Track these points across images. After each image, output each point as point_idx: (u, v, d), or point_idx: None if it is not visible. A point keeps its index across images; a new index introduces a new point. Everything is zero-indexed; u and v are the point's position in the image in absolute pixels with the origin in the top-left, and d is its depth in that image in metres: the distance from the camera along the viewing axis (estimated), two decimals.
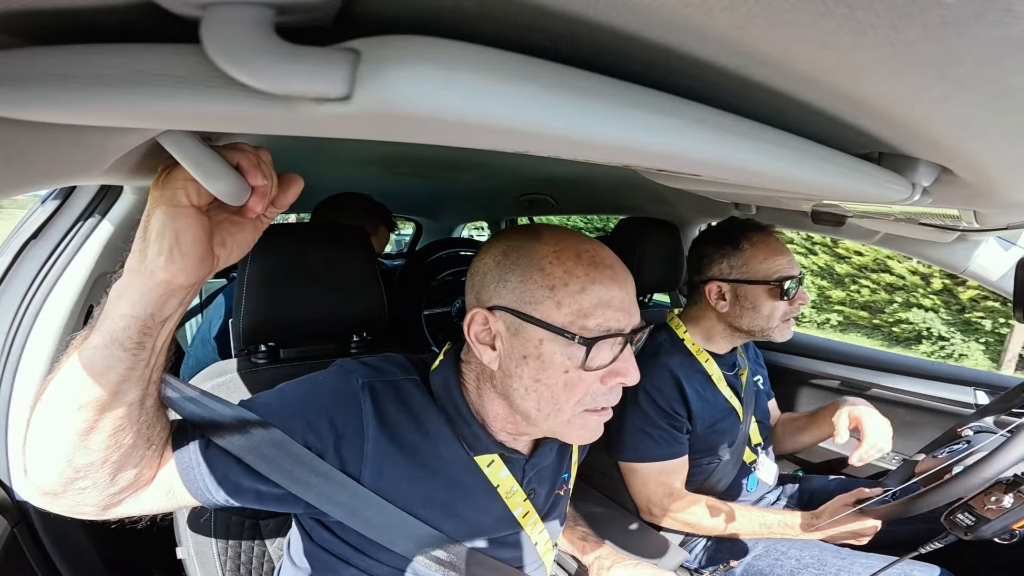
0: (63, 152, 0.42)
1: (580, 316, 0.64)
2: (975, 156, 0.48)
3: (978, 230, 0.99)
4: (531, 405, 0.67)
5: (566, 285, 0.64)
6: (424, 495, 0.71)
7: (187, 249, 0.46)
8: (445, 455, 0.73)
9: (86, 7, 0.26)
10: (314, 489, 0.65)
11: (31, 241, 1.05)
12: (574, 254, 0.66)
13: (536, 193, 2.26)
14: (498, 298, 0.67)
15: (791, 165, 0.42)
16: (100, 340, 0.48)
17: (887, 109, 0.38)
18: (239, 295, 0.92)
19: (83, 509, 0.56)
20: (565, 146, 0.35)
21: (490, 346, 0.68)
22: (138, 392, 0.51)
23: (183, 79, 0.25)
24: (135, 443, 0.54)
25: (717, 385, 1.28)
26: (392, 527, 0.69)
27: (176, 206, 0.46)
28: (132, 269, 0.48)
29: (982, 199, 0.65)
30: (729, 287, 1.22)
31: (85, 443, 0.50)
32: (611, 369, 0.66)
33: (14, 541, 0.92)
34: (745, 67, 0.33)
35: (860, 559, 1.14)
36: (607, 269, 0.66)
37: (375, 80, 0.24)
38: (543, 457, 0.81)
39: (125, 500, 0.58)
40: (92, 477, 0.53)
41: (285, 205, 0.52)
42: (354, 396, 0.70)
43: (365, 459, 0.68)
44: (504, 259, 0.68)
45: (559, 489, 0.86)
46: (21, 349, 1.02)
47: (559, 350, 0.64)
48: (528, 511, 0.79)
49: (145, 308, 0.48)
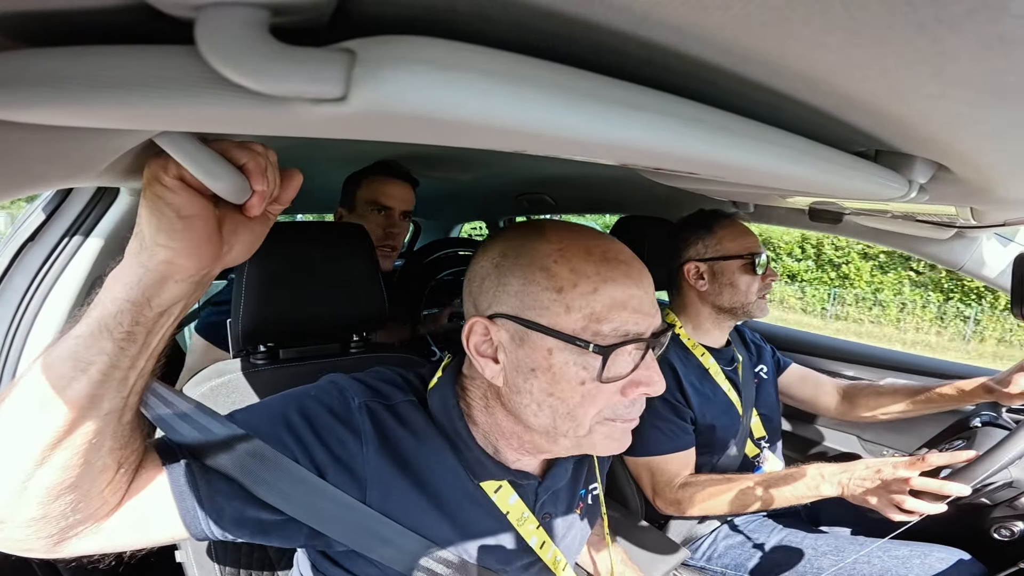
0: (59, 154, 0.42)
1: (593, 321, 0.57)
2: (971, 153, 0.48)
3: (975, 227, 0.99)
4: (546, 422, 0.60)
5: (575, 286, 0.57)
6: (431, 519, 0.65)
7: (191, 223, 0.43)
8: (449, 480, 0.66)
9: (80, 9, 0.26)
10: (318, 512, 0.59)
11: (28, 243, 1.05)
12: (582, 251, 0.58)
13: (534, 193, 2.26)
14: (499, 305, 0.60)
15: (787, 163, 0.43)
16: (86, 329, 0.43)
17: (882, 107, 0.38)
18: (237, 295, 0.92)
19: (31, 544, 0.47)
20: (562, 145, 0.35)
21: (492, 359, 0.61)
22: (118, 400, 0.46)
23: (177, 81, 0.25)
24: (104, 464, 0.47)
25: (715, 379, 1.30)
26: (404, 549, 0.63)
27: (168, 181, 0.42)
28: (131, 251, 0.44)
29: (979, 196, 0.66)
30: (706, 266, 1.31)
31: (49, 460, 0.43)
32: (632, 379, 0.59)
33: None
34: (740, 65, 0.33)
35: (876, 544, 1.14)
36: (621, 265, 0.59)
37: (370, 81, 0.24)
38: (557, 479, 0.73)
39: (82, 533, 0.50)
40: (49, 504, 0.45)
41: (287, 201, 0.50)
42: (352, 417, 0.64)
43: (368, 483, 0.62)
44: (503, 261, 0.61)
45: (576, 509, 0.79)
46: (19, 352, 1.02)
47: (572, 360, 0.57)
48: (544, 540, 0.72)
49: (142, 292, 0.44)
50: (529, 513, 0.70)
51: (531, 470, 0.71)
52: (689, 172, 0.54)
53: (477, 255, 0.66)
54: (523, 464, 0.70)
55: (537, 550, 0.71)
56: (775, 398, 1.47)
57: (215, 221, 0.46)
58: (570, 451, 0.65)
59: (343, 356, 1.05)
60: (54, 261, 1.04)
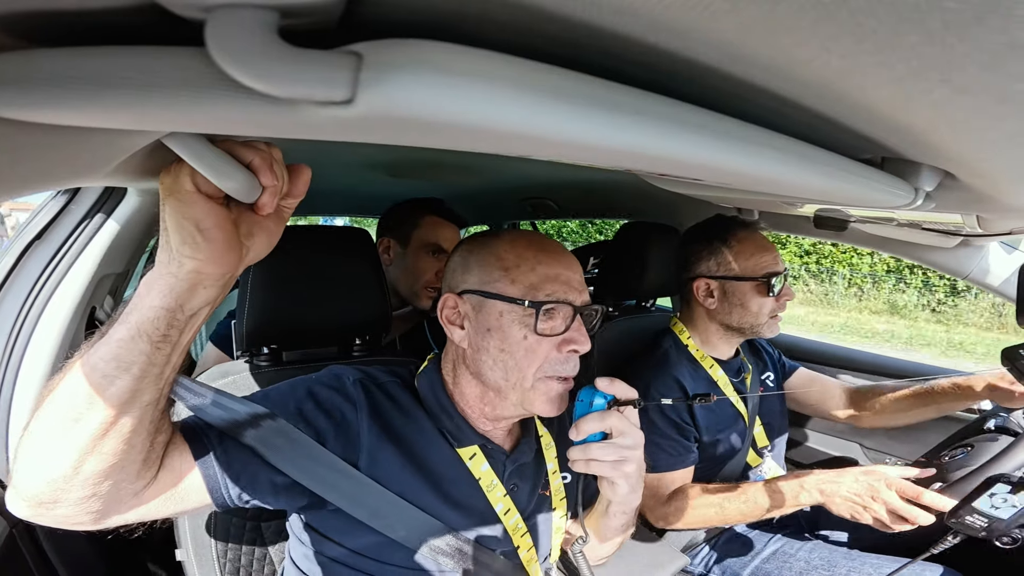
0: (68, 154, 0.42)
1: (531, 289, 0.73)
2: (978, 161, 0.47)
3: (981, 235, 0.99)
4: (499, 375, 0.75)
5: (518, 266, 0.75)
6: (416, 484, 0.75)
7: (210, 235, 0.46)
8: (431, 447, 0.79)
9: (91, 9, 0.26)
10: (317, 477, 0.68)
11: (35, 242, 1.05)
12: (525, 243, 0.77)
13: (538, 197, 2.26)
14: (464, 283, 0.78)
15: (792, 170, 0.42)
16: (126, 333, 0.48)
17: (889, 114, 0.38)
18: (242, 298, 0.92)
19: (80, 519, 0.54)
20: (567, 150, 0.36)
21: (459, 326, 0.78)
22: (155, 392, 0.51)
23: (186, 82, 0.26)
24: (144, 446, 0.53)
25: (723, 391, 1.28)
26: (391, 514, 0.73)
27: (185, 193, 0.45)
28: (162, 262, 0.48)
29: (985, 204, 0.65)
30: (717, 284, 1.24)
31: (97, 448, 0.49)
32: (564, 337, 0.74)
33: (13, 542, 0.92)
34: (746, 71, 0.33)
35: (870, 560, 1.14)
36: (554, 253, 0.77)
37: (377, 84, 0.24)
38: (523, 454, 0.85)
39: (124, 508, 0.57)
40: (98, 485, 0.51)
41: (300, 195, 0.52)
42: (348, 389, 0.76)
43: (361, 447, 0.73)
44: (469, 254, 0.79)
45: (544, 490, 0.88)
46: (23, 350, 1.02)
47: (516, 319, 0.73)
48: (509, 508, 0.82)
49: (175, 299, 0.48)
50: (498, 481, 0.82)
51: (500, 443, 0.84)
52: (693, 178, 0.54)
53: (452, 253, 0.83)
54: (493, 436, 0.83)
55: (501, 516, 0.82)
56: (780, 405, 1.46)
57: (233, 228, 0.49)
58: (516, 409, 0.78)
59: (345, 359, 1.05)
60: (61, 259, 1.05)
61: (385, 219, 1.61)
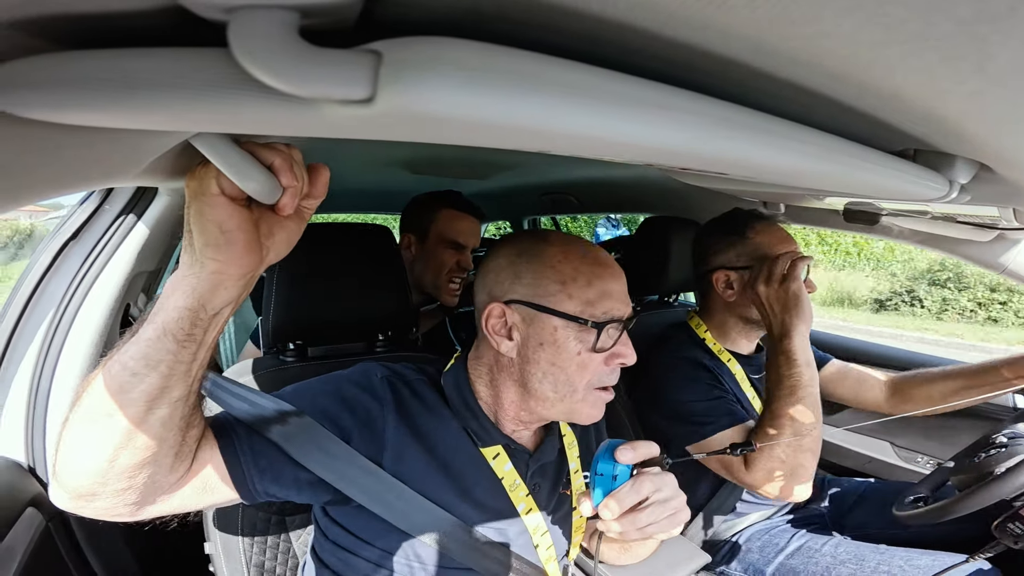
0: (99, 155, 0.43)
1: (588, 305, 0.72)
2: (1014, 152, 0.46)
3: (1019, 228, 0.95)
4: (548, 388, 0.74)
5: (575, 280, 0.73)
6: (438, 482, 0.76)
7: (232, 237, 0.48)
8: (455, 446, 0.78)
9: (116, 12, 0.27)
10: (340, 474, 0.69)
11: (70, 242, 1.08)
12: (579, 254, 0.75)
13: (559, 192, 2.25)
14: (513, 293, 0.75)
15: (820, 163, 0.42)
16: (153, 332, 0.49)
17: (921, 105, 0.37)
18: (268, 295, 0.94)
19: (119, 511, 0.56)
20: (587, 145, 0.35)
21: (507, 337, 0.75)
22: (183, 388, 0.52)
23: (211, 82, 0.26)
24: (176, 440, 0.55)
25: (741, 385, 1.26)
26: (412, 511, 0.73)
27: (210, 196, 0.46)
28: (185, 263, 0.49)
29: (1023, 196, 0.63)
30: (736, 275, 1.21)
31: (132, 442, 0.51)
32: (613, 352, 0.75)
33: (48, 536, 0.95)
34: (771, 64, 0.32)
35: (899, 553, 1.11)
36: (608, 267, 0.77)
37: (397, 82, 0.24)
38: (546, 453, 0.85)
39: (159, 500, 0.59)
40: (133, 478, 0.53)
41: (320, 195, 0.53)
42: (375, 387, 0.76)
43: (386, 445, 0.73)
44: (517, 259, 0.76)
45: (565, 488, 0.89)
46: (60, 347, 1.06)
47: (572, 335, 0.73)
48: (531, 507, 0.82)
49: (198, 299, 0.49)
50: (520, 480, 0.82)
51: (524, 443, 0.83)
52: (717, 172, 0.54)
53: (491, 254, 0.81)
54: (518, 436, 0.82)
55: (523, 515, 0.81)
56: None
57: (255, 230, 0.50)
58: (559, 416, 0.79)
59: (369, 354, 1.06)
60: (95, 259, 1.08)
61: (405, 215, 1.62)
